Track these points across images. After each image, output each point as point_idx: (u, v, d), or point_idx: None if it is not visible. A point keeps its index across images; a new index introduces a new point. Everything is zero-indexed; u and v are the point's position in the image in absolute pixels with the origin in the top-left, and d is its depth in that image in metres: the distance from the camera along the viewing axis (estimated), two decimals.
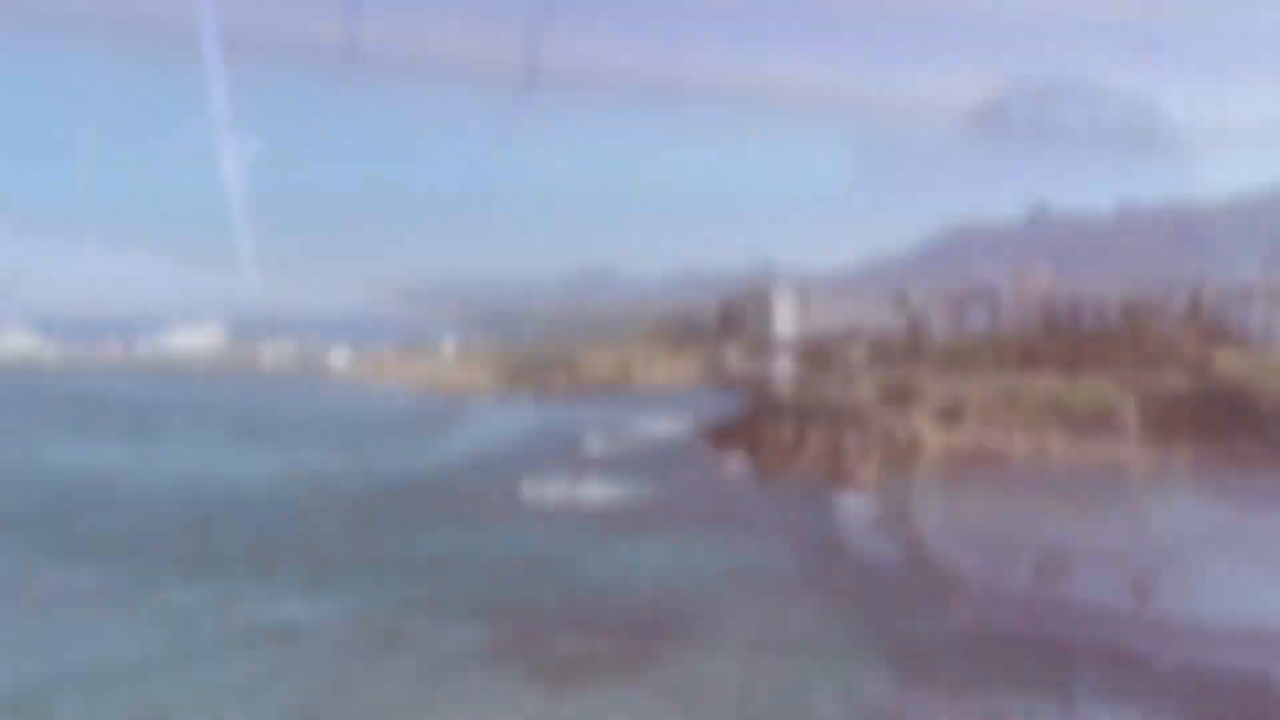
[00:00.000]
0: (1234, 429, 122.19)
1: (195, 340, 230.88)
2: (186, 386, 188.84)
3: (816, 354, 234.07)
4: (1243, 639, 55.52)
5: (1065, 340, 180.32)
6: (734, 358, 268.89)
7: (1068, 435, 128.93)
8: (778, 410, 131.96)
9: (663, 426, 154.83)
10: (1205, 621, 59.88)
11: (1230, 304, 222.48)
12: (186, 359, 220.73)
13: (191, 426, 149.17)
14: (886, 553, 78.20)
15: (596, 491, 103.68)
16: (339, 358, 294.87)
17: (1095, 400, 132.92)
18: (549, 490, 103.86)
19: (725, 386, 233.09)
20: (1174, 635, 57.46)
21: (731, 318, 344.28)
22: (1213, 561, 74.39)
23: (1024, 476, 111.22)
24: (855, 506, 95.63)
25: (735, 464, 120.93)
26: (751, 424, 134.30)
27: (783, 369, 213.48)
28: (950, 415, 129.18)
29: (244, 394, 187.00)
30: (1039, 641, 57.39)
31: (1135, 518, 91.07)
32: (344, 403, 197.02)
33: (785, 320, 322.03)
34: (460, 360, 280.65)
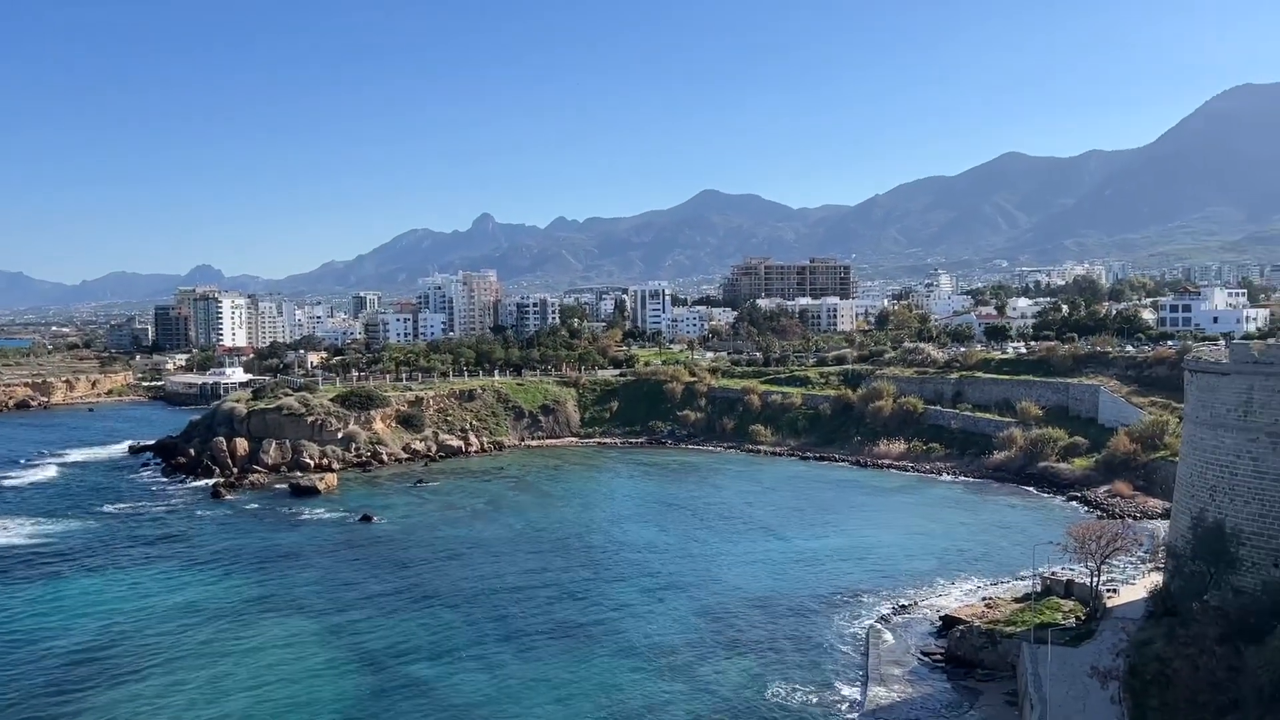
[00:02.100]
0: (652, 415, 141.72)
1: None
2: None
3: (271, 361, 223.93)
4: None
5: (512, 341, 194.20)
6: (176, 369, 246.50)
7: (518, 428, 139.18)
8: (230, 422, 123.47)
9: (94, 450, 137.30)
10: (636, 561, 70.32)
11: (646, 307, 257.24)
12: None
13: None
14: (354, 554, 77.90)
15: (14, 526, 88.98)
16: None
17: (540, 395, 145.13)
18: None
19: (168, 400, 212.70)
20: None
21: (171, 326, 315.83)
22: (644, 521, 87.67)
23: (481, 469, 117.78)
24: (320, 514, 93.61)
25: (185, 483, 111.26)
26: (201, 439, 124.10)
27: (234, 378, 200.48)
28: (410, 417, 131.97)
29: None
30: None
31: (580, 497, 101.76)
32: None
33: (235, 328, 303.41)
34: None
